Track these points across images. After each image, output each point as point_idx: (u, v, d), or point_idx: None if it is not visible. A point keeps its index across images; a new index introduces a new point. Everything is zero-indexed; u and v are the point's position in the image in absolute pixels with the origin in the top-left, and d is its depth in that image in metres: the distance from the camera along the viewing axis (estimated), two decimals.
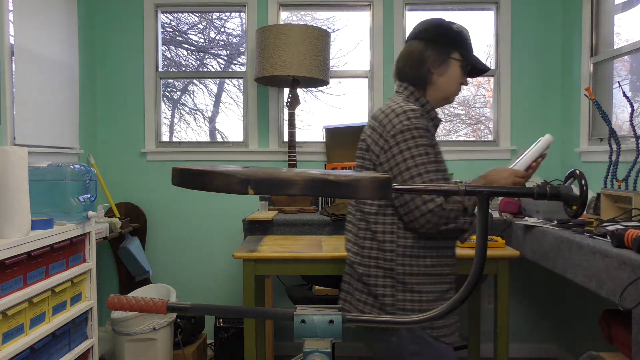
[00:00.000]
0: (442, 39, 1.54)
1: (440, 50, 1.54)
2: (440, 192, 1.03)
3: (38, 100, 2.74)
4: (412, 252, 1.51)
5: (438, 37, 1.54)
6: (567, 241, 2.04)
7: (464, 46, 1.56)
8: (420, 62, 1.54)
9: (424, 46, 1.54)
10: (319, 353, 0.86)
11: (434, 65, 1.54)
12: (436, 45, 1.54)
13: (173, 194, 3.47)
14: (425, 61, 1.54)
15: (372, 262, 1.55)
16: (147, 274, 3.28)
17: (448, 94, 1.60)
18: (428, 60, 1.54)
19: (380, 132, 1.50)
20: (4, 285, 1.73)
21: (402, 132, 1.45)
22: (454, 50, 1.55)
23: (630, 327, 1.87)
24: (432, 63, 1.54)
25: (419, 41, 1.56)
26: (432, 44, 1.54)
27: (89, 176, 2.19)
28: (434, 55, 1.54)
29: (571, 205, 1.01)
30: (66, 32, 3.04)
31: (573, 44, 3.25)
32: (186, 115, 3.66)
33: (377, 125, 1.53)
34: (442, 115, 3.63)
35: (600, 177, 2.81)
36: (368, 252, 1.55)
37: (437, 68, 1.55)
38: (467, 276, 0.94)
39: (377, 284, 1.54)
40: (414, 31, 1.60)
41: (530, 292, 3.44)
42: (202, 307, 0.96)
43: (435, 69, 1.55)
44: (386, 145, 1.47)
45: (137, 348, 2.72)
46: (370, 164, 1.54)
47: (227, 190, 0.76)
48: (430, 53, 1.53)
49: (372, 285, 1.55)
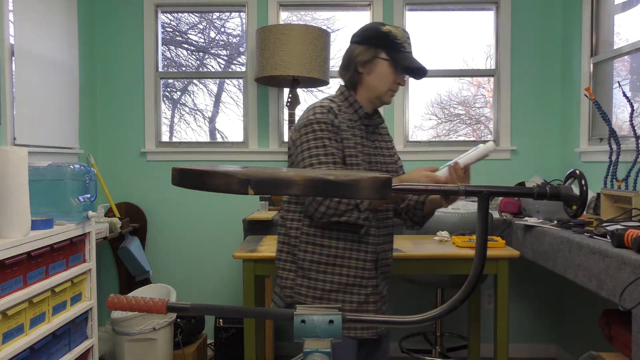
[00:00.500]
0: (369, 40, 1.61)
1: (367, 50, 1.60)
2: (439, 192, 1.03)
3: (38, 100, 2.74)
4: (314, 240, 1.57)
5: (366, 38, 1.62)
6: (567, 241, 2.04)
7: (391, 46, 1.60)
8: (349, 62, 1.63)
9: (354, 47, 1.63)
10: (319, 353, 0.86)
11: (361, 65, 1.60)
12: (363, 46, 1.61)
13: (173, 194, 3.47)
14: (354, 61, 1.61)
15: (283, 247, 1.63)
16: (147, 274, 3.28)
17: (379, 93, 1.63)
18: (356, 60, 1.61)
19: (295, 125, 1.63)
20: (4, 285, 1.73)
21: (305, 125, 1.56)
22: (380, 50, 1.59)
23: (630, 327, 1.87)
24: (360, 63, 1.60)
25: (351, 44, 1.65)
26: (360, 45, 1.62)
27: (89, 176, 2.19)
28: (360, 55, 1.60)
29: (571, 205, 1.01)
30: (66, 32, 3.04)
31: (573, 44, 3.25)
32: (186, 115, 3.66)
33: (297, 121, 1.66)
34: (441, 115, 3.65)
35: (600, 177, 2.81)
36: (281, 238, 1.64)
37: (365, 68, 1.61)
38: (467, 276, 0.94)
39: (284, 268, 1.62)
40: (352, 36, 1.68)
41: (530, 292, 3.44)
42: (202, 307, 0.96)
43: (363, 68, 1.61)
44: (294, 137, 1.60)
45: (137, 348, 2.72)
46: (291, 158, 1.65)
47: (227, 190, 0.76)
48: (357, 53, 1.61)
49: (279, 269, 1.63)
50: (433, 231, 2.64)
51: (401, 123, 3.44)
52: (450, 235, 2.38)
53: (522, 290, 3.44)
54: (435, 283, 2.72)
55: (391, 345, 3.44)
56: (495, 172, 3.44)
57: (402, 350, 3.07)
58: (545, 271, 3.41)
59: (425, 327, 3.44)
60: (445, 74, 3.52)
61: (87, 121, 3.33)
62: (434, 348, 3.03)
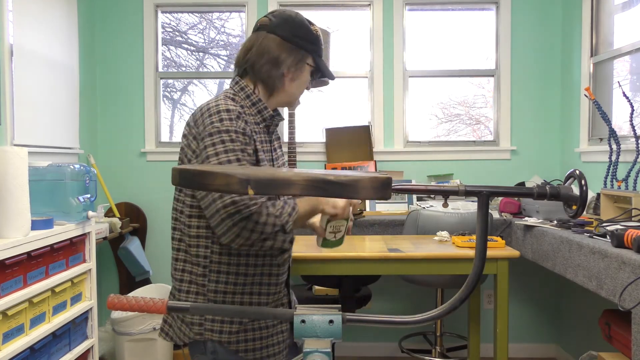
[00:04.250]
0: (301, 42, 1.41)
1: (296, 52, 1.40)
2: (440, 192, 1.03)
3: (38, 100, 2.74)
4: (228, 268, 1.33)
5: (298, 38, 1.40)
6: (567, 241, 2.04)
7: (317, 52, 1.45)
8: (276, 63, 1.39)
9: (282, 46, 1.39)
10: (319, 353, 0.86)
11: (289, 70, 1.41)
12: (291, 45, 1.40)
13: (173, 194, 3.47)
14: (282, 64, 1.39)
15: (184, 277, 1.36)
16: (147, 274, 3.28)
17: (293, 99, 1.48)
18: (284, 63, 1.39)
19: (195, 132, 1.34)
20: (4, 285, 1.73)
21: (210, 135, 1.28)
22: (308, 55, 1.43)
23: (630, 327, 1.87)
24: (288, 67, 1.40)
25: (276, 37, 1.39)
26: (290, 45, 1.40)
27: (89, 176, 2.19)
28: (291, 58, 1.40)
29: (571, 205, 1.01)
30: (66, 32, 3.04)
31: (573, 44, 3.25)
32: (186, 115, 3.66)
33: (193, 125, 1.36)
34: (441, 115, 3.65)
35: (600, 177, 2.81)
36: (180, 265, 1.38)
37: (292, 73, 1.42)
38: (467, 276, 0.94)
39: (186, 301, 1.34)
40: (271, 22, 1.41)
41: (530, 292, 3.44)
42: (202, 307, 0.96)
43: (290, 73, 1.41)
44: (200, 145, 1.30)
45: (137, 348, 2.72)
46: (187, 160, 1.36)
47: (227, 190, 0.76)
48: (286, 55, 1.39)
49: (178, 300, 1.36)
50: (433, 231, 2.64)
51: (401, 123, 3.44)
52: (450, 235, 2.38)
53: (522, 290, 3.44)
54: (435, 283, 2.72)
55: (391, 345, 3.44)
56: (495, 172, 3.44)
57: (402, 350, 3.08)
58: (545, 271, 3.41)
59: (425, 327, 3.44)
60: (445, 74, 3.52)
61: (87, 121, 3.33)
62: (434, 348, 3.03)
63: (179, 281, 1.37)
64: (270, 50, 1.38)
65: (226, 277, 1.33)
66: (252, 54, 1.40)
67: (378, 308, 3.44)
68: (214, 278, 1.33)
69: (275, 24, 1.40)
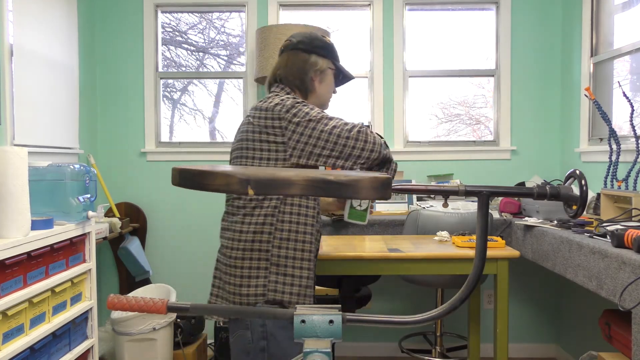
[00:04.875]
0: (320, 50, 1.71)
1: (320, 60, 1.70)
2: (440, 192, 1.03)
3: (38, 100, 2.74)
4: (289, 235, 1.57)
5: (317, 48, 1.70)
6: (567, 241, 2.04)
7: (335, 57, 1.74)
8: (303, 70, 1.68)
9: (306, 57, 1.69)
10: (319, 353, 0.86)
11: (316, 74, 1.69)
12: (315, 56, 1.70)
13: (173, 194, 3.47)
14: (309, 70, 1.68)
15: (247, 246, 1.56)
16: (147, 274, 3.28)
17: (324, 101, 1.74)
18: (311, 69, 1.69)
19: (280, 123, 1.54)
20: (4, 285, 1.73)
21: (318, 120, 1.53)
22: (329, 60, 1.72)
23: (630, 327, 1.87)
24: (315, 72, 1.69)
25: (300, 51, 1.70)
26: (313, 54, 1.70)
27: (89, 176, 2.19)
28: (315, 64, 1.69)
29: (571, 205, 1.01)
30: (66, 32, 3.04)
31: (573, 44, 3.25)
32: (186, 115, 3.66)
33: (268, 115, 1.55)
34: (441, 115, 3.64)
35: (600, 177, 2.81)
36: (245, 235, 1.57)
37: (317, 76, 1.70)
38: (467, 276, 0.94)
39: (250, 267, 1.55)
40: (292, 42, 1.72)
41: (530, 292, 3.44)
42: (202, 307, 0.96)
43: (316, 77, 1.69)
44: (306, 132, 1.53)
45: (137, 348, 2.72)
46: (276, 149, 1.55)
47: (227, 190, 0.76)
48: (312, 62, 1.69)
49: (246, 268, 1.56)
50: (433, 231, 2.64)
51: (401, 123, 3.44)
52: (450, 235, 2.38)
53: (522, 290, 3.44)
54: (435, 283, 2.72)
55: (391, 345, 3.44)
56: (495, 172, 3.44)
57: (402, 350, 3.08)
58: (545, 271, 3.41)
59: (425, 327, 3.44)
60: (445, 74, 3.52)
61: (87, 121, 3.33)
62: (434, 348, 3.03)
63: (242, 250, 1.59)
64: (298, 61, 1.69)
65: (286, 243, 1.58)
66: (282, 70, 1.69)
67: (378, 308, 3.45)
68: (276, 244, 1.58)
69: (296, 42, 1.71)
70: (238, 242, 1.56)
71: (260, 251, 1.55)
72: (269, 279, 1.54)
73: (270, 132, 1.53)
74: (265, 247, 1.55)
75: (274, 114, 1.54)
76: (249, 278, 1.54)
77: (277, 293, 1.54)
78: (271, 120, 1.54)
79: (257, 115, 1.56)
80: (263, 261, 1.55)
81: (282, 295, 1.54)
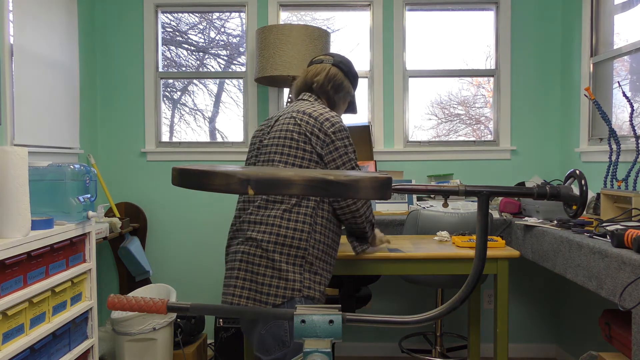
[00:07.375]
0: (352, 77, 1.93)
1: (349, 84, 1.91)
2: (440, 192, 1.03)
3: (38, 100, 2.74)
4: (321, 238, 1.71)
5: (351, 75, 1.92)
6: (567, 241, 2.04)
7: (355, 89, 1.98)
8: (339, 87, 1.88)
9: (344, 77, 1.89)
10: (319, 353, 0.86)
11: (344, 95, 1.91)
12: (348, 79, 1.91)
13: (173, 194, 3.47)
14: (343, 89, 1.89)
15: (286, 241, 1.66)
16: (147, 274, 3.28)
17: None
18: (344, 89, 1.89)
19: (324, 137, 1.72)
20: (4, 285, 1.73)
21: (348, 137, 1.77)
22: (353, 90, 1.95)
23: (630, 327, 1.87)
24: (345, 93, 1.91)
25: (339, 70, 1.89)
26: (347, 78, 1.90)
27: (89, 176, 2.19)
28: (347, 87, 1.91)
29: (571, 205, 1.01)
30: (66, 32, 3.04)
31: (573, 44, 3.25)
32: (186, 115, 3.66)
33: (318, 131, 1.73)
34: (441, 115, 3.64)
35: (600, 177, 2.81)
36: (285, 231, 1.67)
37: (342, 98, 1.91)
38: (467, 276, 0.94)
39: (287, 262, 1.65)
40: (333, 58, 1.91)
41: (530, 292, 3.44)
42: (202, 307, 0.96)
43: (343, 97, 1.91)
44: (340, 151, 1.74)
45: (137, 348, 2.72)
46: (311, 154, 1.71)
47: (227, 190, 0.76)
48: (347, 84, 1.90)
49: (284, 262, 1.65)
50: (433, 231, 2.64)
51: (401, 123, 3.44)
52: (450, 235, 2.38)
53: (522, 290, 3.44)
54: (435, 283, 2.72)
55: (391, 345, 3.44)
56: (495, 172, 3.44)
57: (402, 350, 3.08)
58: (545, 271, 3.41)
59: (425, 327, 3.44)
60: (445, 74, 3.52)
61: (87, 121, 3.33)
62: (434, 348, 3.03)
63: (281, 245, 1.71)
64: (337, 77, 1.87)
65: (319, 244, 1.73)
66: (321, 77, 1.86)
67: (378, 308, 3.45)
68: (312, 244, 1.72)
69: (338, 60, 1.90)
70: (277, 237, 1.65)
71: (299, 249, 1.65)
72: (303, 276, 1.65)
73: (313, 139, 1.71)
74: (303, 246, 1.65)
75: (321, 127, 1.72)
76: (287, 272, 1.63)
77: (310, 290, 1.65)
78: (318, 130, 1.71)
79: (306, 120, 1.73)
80: (299, 258, 1.65)
81: (313, 293, 1.65)
